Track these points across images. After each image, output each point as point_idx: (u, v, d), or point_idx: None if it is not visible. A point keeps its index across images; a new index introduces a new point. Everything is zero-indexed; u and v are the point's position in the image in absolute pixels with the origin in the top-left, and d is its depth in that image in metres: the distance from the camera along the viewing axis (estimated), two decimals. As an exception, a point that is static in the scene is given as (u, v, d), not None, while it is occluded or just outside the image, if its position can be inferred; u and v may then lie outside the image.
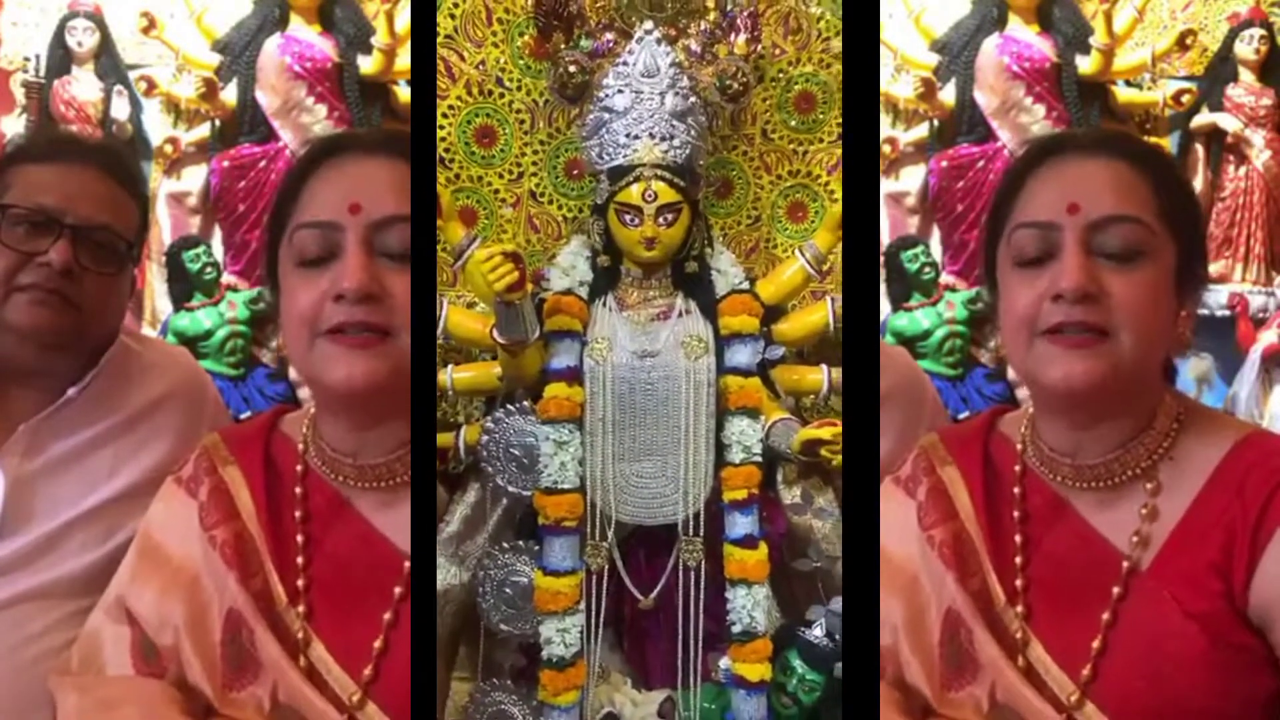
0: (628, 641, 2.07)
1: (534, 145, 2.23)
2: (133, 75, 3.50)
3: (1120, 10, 3.43)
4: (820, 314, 2.11)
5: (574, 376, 2.00)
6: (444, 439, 2.09)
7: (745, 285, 2.09)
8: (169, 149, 3.48)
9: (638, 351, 2.02)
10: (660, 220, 1.98)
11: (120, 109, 3.44)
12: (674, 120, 1.99)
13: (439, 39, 2.15)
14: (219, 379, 3.04)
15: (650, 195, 1.97)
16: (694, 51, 2.07)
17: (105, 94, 3.46)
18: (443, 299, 2.13)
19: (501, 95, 2.21)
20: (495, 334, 1.96)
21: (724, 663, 1.99)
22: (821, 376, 2.12)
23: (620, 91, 2.00)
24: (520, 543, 2.04)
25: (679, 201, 1.98)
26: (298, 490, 1.43)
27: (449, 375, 2.12)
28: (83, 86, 3.46)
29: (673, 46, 2.04)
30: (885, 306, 3.50)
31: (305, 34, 3.41)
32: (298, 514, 1.41)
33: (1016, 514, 1.39)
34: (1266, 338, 3.48)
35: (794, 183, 2.25)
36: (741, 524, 1.99)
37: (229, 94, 3.43)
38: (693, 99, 2.02)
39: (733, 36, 2.06)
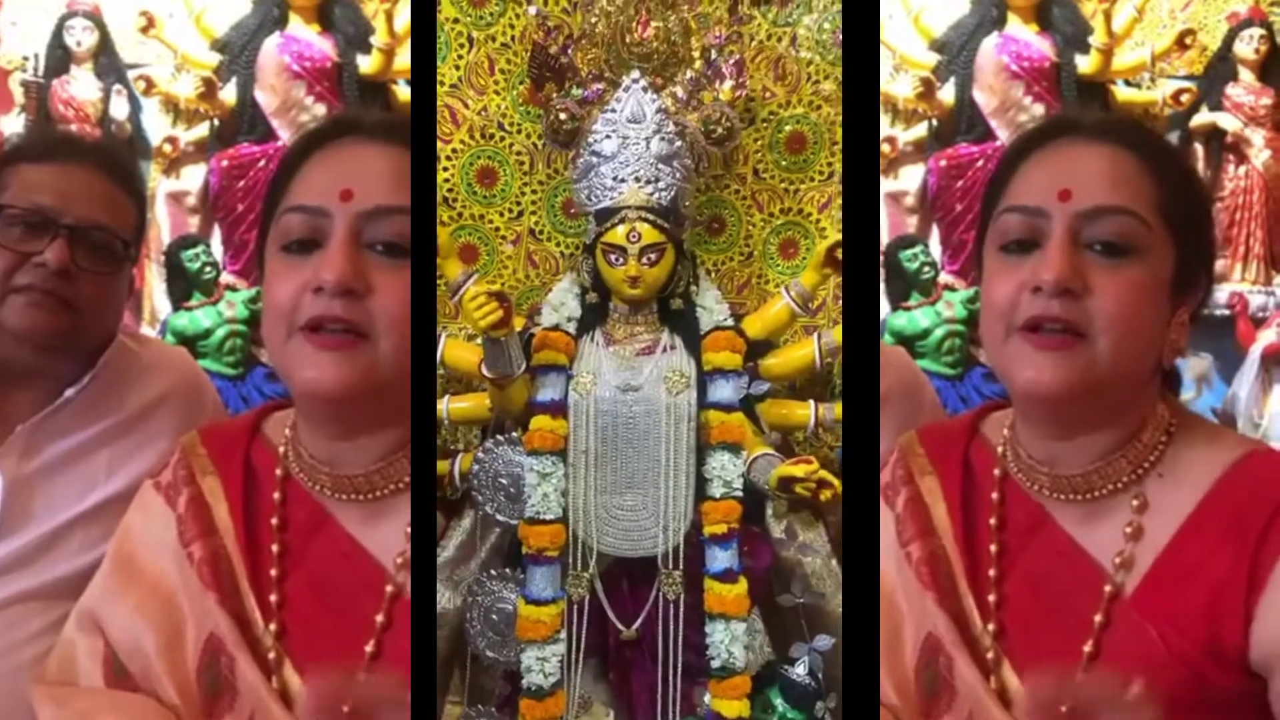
0: (613, 672, 2.09)
1: (533, 185, 2.27)
2: (131, 75, 3.53)
3: (1120, 10, 3.44)
4: (806, 349, 2.12)
5: (558, 409, 2.02)
6: (440, 466, 2.12)
7: (729, 322, 2.10)
8: (168, 148, 3.52)
9: (620, 385, 2.03)
10: (644, 260, 2.00)
11: (119, 108, 3.47)
12: (659, 164, 2.00)
13: (445, 88, 2.20)
14: (218, 379, 3.07)
15: (634, 236, 1.99)
16: (680, 98, 2.10)
17: (104, 93, 3.49)
18: (442, 331, 2.17)
19: (502, 138, 2.25)
20: (483, 368, 1.99)
21: (707, 697, 2.00)
22: (809, 411, 2.13)
23: (608, 137, 2.02)
24: (508, 571, 2.06)
25: (662, 242, 2.01)
26: (276, 496, 1.37)
27: (445, 405, 2.15)
28: (81, 86, 3.49)
29: (659, 94, 2.06)
30: (885, 306, 3.52)
31: (304, 33, 3.43)
32: (274, 521, 1.35)
33: (994, 521, 1.33)
34: (1266, 337, 3.51)
35: (785, 220, 2.26)
36: (721, 558, 2.00)
37: (228, 93, 3.46)
38: (678, 143, 2.03)
39: (718, 84, 2.09)
